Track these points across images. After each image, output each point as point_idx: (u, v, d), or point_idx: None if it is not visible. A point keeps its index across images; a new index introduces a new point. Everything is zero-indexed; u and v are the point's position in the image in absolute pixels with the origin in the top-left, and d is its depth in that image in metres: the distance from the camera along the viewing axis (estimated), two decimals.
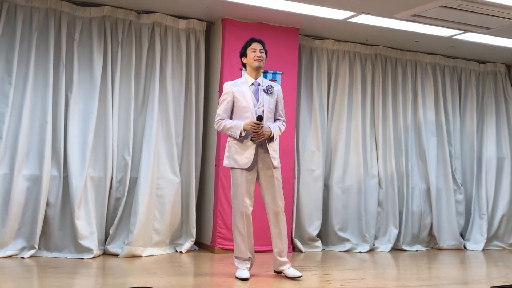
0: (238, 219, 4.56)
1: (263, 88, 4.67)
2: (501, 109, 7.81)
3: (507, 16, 5.63)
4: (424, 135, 7.26)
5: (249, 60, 4.65)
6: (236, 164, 4.56)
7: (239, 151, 4.56)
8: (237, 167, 4.55)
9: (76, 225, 5.39)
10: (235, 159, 4.56)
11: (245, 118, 4.56)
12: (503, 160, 7.70)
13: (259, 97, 4.64)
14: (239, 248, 4.60)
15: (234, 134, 4.53)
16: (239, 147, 4.57)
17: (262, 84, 4.68)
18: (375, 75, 7.14)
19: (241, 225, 4.56)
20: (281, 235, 4.64)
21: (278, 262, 4.67)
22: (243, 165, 4.53)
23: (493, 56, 7.58)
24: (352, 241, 6.71)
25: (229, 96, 4.63)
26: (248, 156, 4.53)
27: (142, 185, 5.72)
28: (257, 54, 4.61)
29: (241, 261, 4.64)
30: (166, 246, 5.96)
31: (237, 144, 4.58)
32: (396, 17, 5.88)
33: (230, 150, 4.61)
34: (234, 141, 4.59)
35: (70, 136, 5.53)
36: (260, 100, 4.63)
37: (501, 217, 7.57)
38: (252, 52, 4.63)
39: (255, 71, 4.69)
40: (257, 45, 4.65)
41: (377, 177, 6.97)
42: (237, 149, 4.57)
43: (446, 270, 5.69)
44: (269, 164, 4.60)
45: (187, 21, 6.17)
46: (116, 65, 5.83)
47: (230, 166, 4.60)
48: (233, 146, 4.59)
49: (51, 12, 5.59)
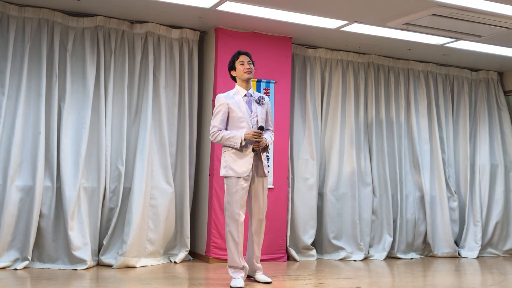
0: (233, 227, 4.61)
1: (255, 99, 4.81)
2: (493, 116, 7.85)
3: (498, 24, 5.67)
4: (417, 142, 7.28)
5: (239, 73, 4.78)
6: (233, 173, 4.62)
7: (236, 160, 4.64)
8: (234, 176, 4.61)
9: (70, 236, 5.36)
10: (232, 168, 4.63)
11: (240, 128, 4.67)
12: (496, 167, 7.72)
13: (252, 107, 4.77)
14: (233, 257, 4.63)
15: (234, 144, 4.62)
16: (236, 156, 4.65)
17: (253, 95, 4.83)
18: (368, 84, 7.17)
19: (236, 233, 4.60)
20: (260, 242, 4.82)
21: (254, 267, 4.85)
22: (241, 173, 4.60)
23: (485, 63, 7.62)
24: (346, 249, 6.70)
25: (224, 107, 4.71)
26: (245, 164, 4.62)
27: (136, 195, 5.70)
28: (245, 67, 4.74)
29: (236, 270, 4.65)
30: (160, 257, 5.94)
31: (234, 153, 4.66)
32: (388, 26, 5.91)
33: (227, 160, 4.68)
34: (231, 151, 4.67)
35: (63, 146, 5.51)
36: (253, 110, 4.76)
37: (495, 224, 7.58)
38: (241, 64, 4.76)
39: (245, 83, 4.83)
40: (244, 58, 4.78)
41: (371, 185, 6.97)
42: (234, 158, 4.65)
43: (441, 278, 5.69)
44: (261, 173, 4.74)
45: (180, 31, 6.18)
46: (109, 75, 5.82)
47: (228, 175, 4.66)
48: (230, 155, 4.67)
49: (44, 23, 5.58)
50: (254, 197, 4.73)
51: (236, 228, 4.59)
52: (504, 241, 7.64)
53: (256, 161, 4.70)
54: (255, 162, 4.69)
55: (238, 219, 4.59)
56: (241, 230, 4.62)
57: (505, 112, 7.90)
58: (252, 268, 4.86)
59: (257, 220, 4.75)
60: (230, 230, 4.61)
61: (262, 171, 4.74)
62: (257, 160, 4.71)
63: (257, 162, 4.72)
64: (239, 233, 4.60)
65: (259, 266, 4.87)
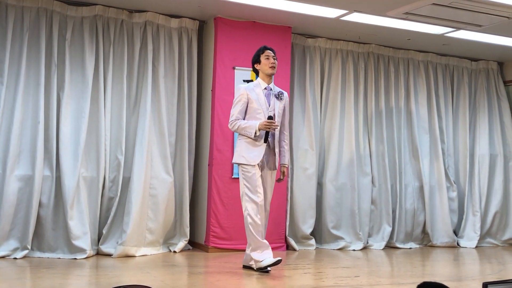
0: (255, 211, 4.67)
1: (274, 93, 4.92)
2: (493, 107, 7.84)
3: (498, 13, 5.65)
4: (417, 132, 7.28)
5: (264, 66, 4.88)
6: (245, 160, 4.76)
7: (250, 149, 4.78)
8: (247, 164, 4.74)
9: (69, 225, 5.37)
10: (245, 157, 4.77)
11: (257, 119, 4.80)
12: (495, 157, 7.72)
13: (270, 101, 4.88)
14: (256, 238, 4.67)
15: (249, 133, 4.76)
16: (250, 145, 4.78)
17: (273, 90, 4.93)
18: (368, 73, 7.15)
19: (257, 216, 4.67)
20: (263, 232, 4.83)
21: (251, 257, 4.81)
22: (252, 161, 4.73)
23: (485, 53, 7.60)
24: (345, 239, 6.71)
25: (244, 98, 4.85)
26: (257, 154, 4.75)
27: (135, 184, 5.71)
28: (271, 61, 4.86)
29: (263, 250, 4.71)
30: (160, 246, 5.95)
31: (248, 142, 4.80)
32: (388, 15, 5.89)
33: (241, 148, 4.82)
34: (246, 140, 4.80)
35: (62, 136, 5.51)
36: (271, 104, 4.88)
37: (494, 214, 7.60)
38: (266, 58, 4.87)
39: (268, 77, 4.93)
40: (270, 53, 4.89)
41: (370, 175, 6.98)
42: (247, 147, 4.79)
43: (439, 267, 5.70)
44: (271, 165, 4.88)
45: (179, 20, 6.16)
46: (108, 64, 5.81)
47: (240, 162, 4.79)
48: (243, 144, 4.81)
49: (43, 12, 5.56)
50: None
51: (257, 211, 4.66)
52: (503, 231, 7.65)
53: (268, 153, 4.83)
54: (266, 154, 4.81)
55: (258, 201, 4.67)
56: (261, 211, 4.69)
57: (505, 102, 7.89)
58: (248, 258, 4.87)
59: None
60: (252, 214, 4.67)
61: (273, 164, 4.87)
62: (269, 152, 4.84)
63: (269, 154, 4.85)
64: (258, 214, 4.66)
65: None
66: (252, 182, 4.71)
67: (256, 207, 4.67)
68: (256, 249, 4.71)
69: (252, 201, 4.68)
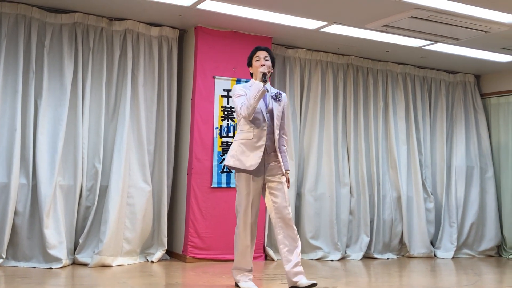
0: (244, 230, 4.39)
1: (272, 95, 4.53)
2: (470, 119, 7.94)
3: (475, 27, 5.74)
4: (394, 143, 7.34)
5: (255, 69, 4.50)
6: (240, 164, 4.33)
7: (246, 152, 4.35)
8: (240, 168, 4.33)
9: (45, 234, 5.30)
10: (240, 160, 4.34)
11: (255, 119, 4.37)
12: (472, 169, 7.82)
13: (267, 102, 4.49)
14: (244, 259, 4.43)
15: (257, 90, 4.22)
16: (246, 148, 4.36)
17: (270, 91, 4.55)
18: (347, 85, 7.20)
19: (247, 236, 4.39)
20: (296, 243, 4.37)
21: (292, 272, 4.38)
22: (248, 166, 4.30)
23: (462, 66, 7.71)
24: (324, 249, 6.73)
25: (243, 92, 4.41)
26: (254, 158, 4.31)
27: (113, 193, 5.66)
28: (261, 62, 4.46)
29: (244, 272, 4.47)
30: (137, 256, 5.90)
31: (244, 144, 4.37)
32: (367, 27, 5.95)
33: (236, 149, 4.39)
34: (242, 141, 4.39)
35: (39, 143, 5.45)
36: (269, 106, 4.48)
37: (470, 225, 7.67)
38: (256, 61, 4.51)
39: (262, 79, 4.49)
40: (261, 53, 4.53)
41: (349, 185, 7.01)
42: (243, 150, 4.36)
43: (417, 278, 5.73)
44: (276, 173, 4.43)
45: (159, 29, 6.15)
46: (87, 72, 5.77)
47: (234, 166, 4.37)
48: (240, 146, 4.38)
49: (21, 18, 5.51)
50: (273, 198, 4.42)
51: (247, 231, 4.38)
52: (479, 242, 7.73)
53: (267, 159, 4.41)
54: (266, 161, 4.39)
55: (249, 222, 4.37)
56: (253, 232, 4.40)
57: (482, 114, 8.00)
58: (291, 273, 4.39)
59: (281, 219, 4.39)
60: (241, 231, 4.39)
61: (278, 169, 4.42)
62: (268, 158, 4.41)
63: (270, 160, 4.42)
64: (249, 236, 4.39)
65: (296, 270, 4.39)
66: (246, 200, 4.36)
67: (247, 229, 4.37)
68: (239, 269, 4.48)
69: (244, 222, 4.37)
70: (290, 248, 4.35)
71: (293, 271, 4.33)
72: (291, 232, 4.35)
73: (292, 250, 4.35)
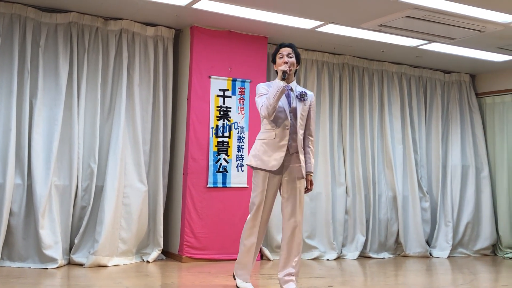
0: (252, 227, 4.32)
1: (296, 94, 4.37)
2: (465, 118, 7.96)
3: (471, 27, 5.74)
4: (390, 143, 7.35)
5: (278, 66, 4.34)
6: (262, 164, 4.26)
7: (268, 152, 4.26)
8: (262, 168, 4.26)
9: (40, 235, 5.29)
10: (262, 160, 4.26)
11: (278, 118, 4.27)
12: (467, 168, 7.83)
13: (291, 101, 4.35)
14: (248, 257, 4.37)
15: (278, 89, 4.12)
16: (268, 148, 4.27)
17: (295, 90, 4.39)
18: (343, 84, 7.21)
19: (255, 234, 4.32)
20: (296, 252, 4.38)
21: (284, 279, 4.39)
22: (270, 167, 4.23)
23: (457, 66, 7.72)
24: (320, 248, 6.73)
25: (265, 91, 4.31)
26: (277, 158, 4.23)
27: (108, 193, 5.65)
28: (283, 60, 4.31)
29: (245, 271, 4.41)
30: (133, 256, 5.89)
31: (266, 144, 4.28)
32: (363, 27, 5.95)
33: (259, 149, 4.31)
34: (264, 140, 4.31)
35: (35, 143, 5.43)
36: (292, 105, 4.34)
37: (466, 224, 7.69)
38: (280, 58, 4.35)
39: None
40: (284, 50, 4.37)
41: (345, 185, 7.02)
42: (266, 150, 4.27)
43: (412, 277, 5.75)
44: (294, 176, 4.33)
45: (155, 28, 6.14)
46: (82, 72, 5.75)
47: (256, 166, 4.29)
48: (262, 145, 4.29)
49: (16, 18, 5.49)
50: (285, 201, 4.39)
51: (256, 230, 4.31)
52: (475, 241, 7.75)
53: (289, 160, 4.30)
54: (287, 161, 4.29)
55: (261, 221, 4.31)
56: (262, 232, 4.34)
57: (477, 114, 8.02)
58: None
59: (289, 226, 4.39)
60: (250, 229, 4.32)
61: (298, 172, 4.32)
62: (290, 159, 4.31)
63: (291, 161, 4.32)
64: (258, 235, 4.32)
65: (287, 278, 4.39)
66: (260, 198, 4.28)
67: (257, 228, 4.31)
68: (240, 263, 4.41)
69: (255, 220, 4.31)
70: (287, 256, 4.36)
71: (284, 279, 4.37)
72: (293, 240, 4.35)
73: (289, 259, 4.35)
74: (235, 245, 6.13)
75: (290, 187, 4.34)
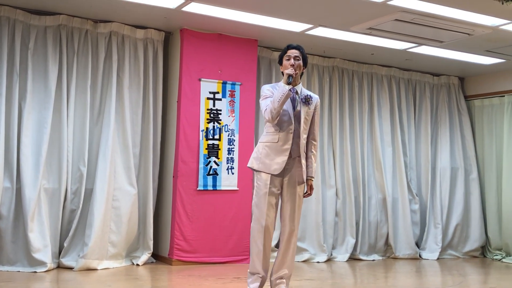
0: (258, 232, 4.20)
1: (301, 97, 4.30)
2: (454, 121, 8.00)
3: (459, 30, 5.78)
4: (380, 145, 7.37)
5: (284, 69, 4.25)
6: (264, 168, 4.19)
7: (270, 155, 4.20)
8: (265, 171, 4.19)
9: (29, 238, 5.26)
10: (264, 163, 4.19)
11: (282, 121, 4.21)
12: (456, 170, 7.87)
13: (296, 105, 4.28)
14: (254, 264, 4.24)
15: (283, 93, 4.06)
16: (271, 151, 4.20)
17: (300, 93, 4.32)
18: (332, 87, 7.23)
19: (260, 239, 4.19)
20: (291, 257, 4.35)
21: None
22: (272, 170, 4.16)
23: (446, 69, 7.76)
24: (310, 251, 6.74)
25: (270, 93, 4.24)
26: (279, 162, 4.17)
27: (98, 196, 5.63)
28: (290, 62, 4.21)
29: (255, 278, 4.27)
30: (123, 259, 5.87)
31: (269, 147, 4.21)
32: (352, 30, 5.97)
33: (261, 152, 4.24)
34: (267, 143, 4.24)
35: (24, 146, 5.40)
36: (297, 108, 4.27)
37: (455, 226, 7.73)
38: (286, 60, 4.26)
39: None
40: (292, 52, 4.27)
41: (335, 187, 7.04)
42: (268, 153, 4.20)
43: (402, 279, 5.77)
44: (295, 180, 4.26)
45: (145, 31, 6.13)
46: (71, 74, 5.73)
47: (258, 169, 4.22)
48: (265, 148, 4.23)
49: (5, 21, 5.46)
50: (284, 205, 4.27)
51: (261, 233, 4.18)
52: (464, 243, 7.79)
53: (291, 164, 4.23)
54: (289, 165, 4.22)
55: (265, 224, 4.16)
56: (267, 235, 4.19)
57: (466, 116, 8.07)
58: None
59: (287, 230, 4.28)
60: (255, 234, 4.20)
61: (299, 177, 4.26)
62: (293, 163, 4.24)
63: (293, 165, 4.24)
64: (263, 239, 4.17)
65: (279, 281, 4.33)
66: (264, 200, 4.17)
67: (262, 232, 4.17)
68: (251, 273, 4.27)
69: (259, 223, 4.18)
70: (282, 259, 4.32)
71: (275, 282, 4.35)
72: (289, 244, 4.30)
73: (283, 262, 4.32)
74: (226, 248, 6.15)
75: (290, 192, 4.26)
